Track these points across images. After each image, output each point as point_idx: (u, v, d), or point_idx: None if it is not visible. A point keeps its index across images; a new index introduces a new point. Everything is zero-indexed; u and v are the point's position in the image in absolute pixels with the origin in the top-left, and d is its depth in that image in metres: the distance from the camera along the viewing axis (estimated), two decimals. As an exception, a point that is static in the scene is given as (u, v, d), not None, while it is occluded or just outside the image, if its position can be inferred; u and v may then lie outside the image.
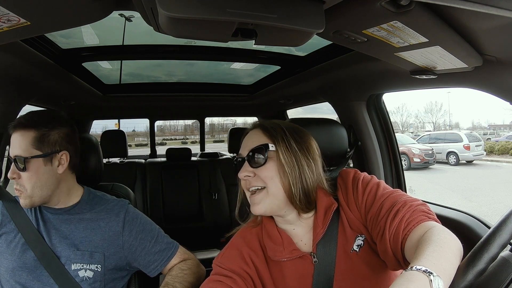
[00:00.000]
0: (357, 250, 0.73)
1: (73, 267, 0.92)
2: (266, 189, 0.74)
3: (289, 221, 0.79)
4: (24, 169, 0.88)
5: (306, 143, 0.78)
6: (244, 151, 0.78)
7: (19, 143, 0.89)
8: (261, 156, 0.75)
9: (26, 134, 0.90)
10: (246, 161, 0.76)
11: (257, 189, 0.75)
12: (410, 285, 0.46)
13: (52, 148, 0.92)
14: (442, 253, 0.53)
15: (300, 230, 0.79)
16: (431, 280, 0.47)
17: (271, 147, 0.75)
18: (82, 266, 0.93)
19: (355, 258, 0.73)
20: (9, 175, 0.88)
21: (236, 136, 2.78)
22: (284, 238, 0.77)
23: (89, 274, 0.93)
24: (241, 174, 0.75)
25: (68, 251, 0.93)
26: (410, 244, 0.61)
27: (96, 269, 0.94)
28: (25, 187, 0.89)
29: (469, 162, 11.21)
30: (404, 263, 0.64)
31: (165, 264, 1.01)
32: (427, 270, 0.48)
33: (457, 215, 1.25)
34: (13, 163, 0.89)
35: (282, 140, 0.76)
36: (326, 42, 1.41)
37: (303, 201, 0.74)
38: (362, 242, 0.73)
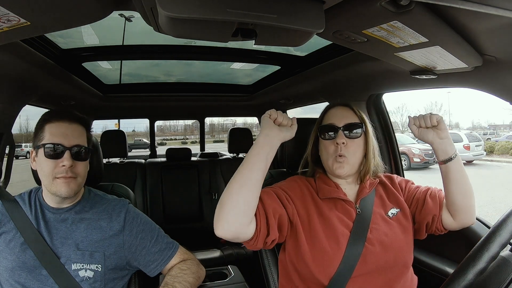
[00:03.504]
0: (390, 216, 0.97)
1: (73, 267, 0.92)
2: (347, 159, 0.95)
3: (345, 179, 1.00)
4: (84, 159, 0.96)
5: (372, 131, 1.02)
6: (338, 122, 0.97)
7: (79, 134, 0.96)
8: (356, 131, 0.97)
9: (82, 128, 0.97)
10: (341, 131, 0.96)
11: (343, 156, 0.95)
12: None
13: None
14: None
15: (348, 188, 1.01)
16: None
17: (363, 127, 0.98)
18: (83, 266, 0.93)
19: (387, 220, 0.96)
20: (67, 163, 0.91)
21: (236, 136, 2.78)
22: (337, 185, 0.99)
23: (90, 274, 0.93)
24: (339, 140, 0.94)
25: (69, 250, 0.93)
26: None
27: (97, 269, 0.94)
28: (80, 174, 0.95)
29: (469, 162, 11.20)
30: (425, 232, 0.97)
31: (165, 264, 1.01)
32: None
33: (457, 215, 1.24)
34: (69, 151, 0.92)
35: (366, 124, 0.99)
36: (326, 42, 1.41)
37: (364, 173, 0.99)
38: (395, 212, 0.97)
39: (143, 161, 2.65)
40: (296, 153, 1.21)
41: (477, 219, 1.19)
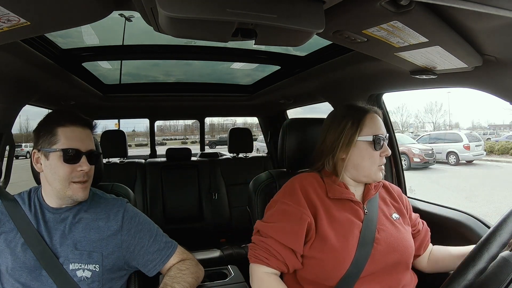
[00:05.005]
0: (394, 218, 1.02)
1: (71, 267, 0.92)
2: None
3: (356, 182, 1.02)
4: (96, 163, 1.01)
5: None
6: (382, 132, 0.99)
7: (91, 138, 1.00)
8: (387, 141, 1.01)
9: (90, 132, 1.01)
10: (386, 143, 0.99)
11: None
12: None
13: None
14: None
15: (356, 189, 1.04)
16: None
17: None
18: (80, 266, 0.93)
19: (392, 221, 1.00)
20: (86, 167, 0.94)
21: (236, 136, 2.78)
22: (346, 186, 1.01)
23: (87, 274, 0.93)
24: (388, 152, 0.99)
25: (67, 250, 0.93)
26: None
27: (94, 269, 0.94)
28: (91, 177, 0.99)
29: (469, 162, 11.20)
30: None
31: (164, 264, 1.01)
32: None
33: (457, 215, 1.24)
34: (85, 156, 0.95)
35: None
36: (326, 42, 1.40)
37: None
38: (398, 216, 1.03)
39: (143, 161, 2.65)
40: (296, 153, 1.21)
41: (477, 219, 1.19)
